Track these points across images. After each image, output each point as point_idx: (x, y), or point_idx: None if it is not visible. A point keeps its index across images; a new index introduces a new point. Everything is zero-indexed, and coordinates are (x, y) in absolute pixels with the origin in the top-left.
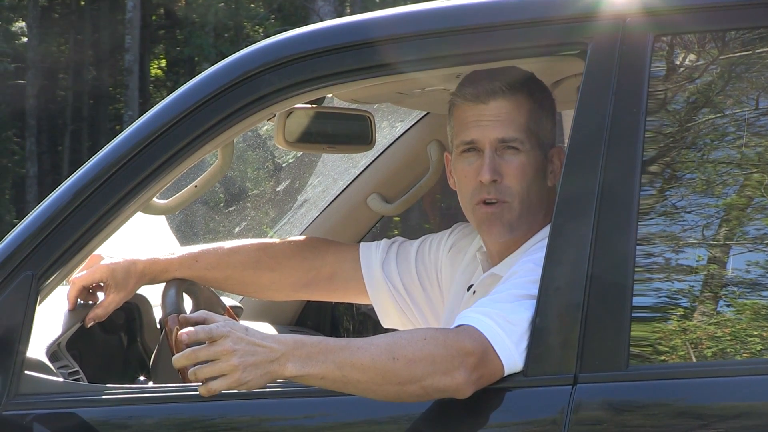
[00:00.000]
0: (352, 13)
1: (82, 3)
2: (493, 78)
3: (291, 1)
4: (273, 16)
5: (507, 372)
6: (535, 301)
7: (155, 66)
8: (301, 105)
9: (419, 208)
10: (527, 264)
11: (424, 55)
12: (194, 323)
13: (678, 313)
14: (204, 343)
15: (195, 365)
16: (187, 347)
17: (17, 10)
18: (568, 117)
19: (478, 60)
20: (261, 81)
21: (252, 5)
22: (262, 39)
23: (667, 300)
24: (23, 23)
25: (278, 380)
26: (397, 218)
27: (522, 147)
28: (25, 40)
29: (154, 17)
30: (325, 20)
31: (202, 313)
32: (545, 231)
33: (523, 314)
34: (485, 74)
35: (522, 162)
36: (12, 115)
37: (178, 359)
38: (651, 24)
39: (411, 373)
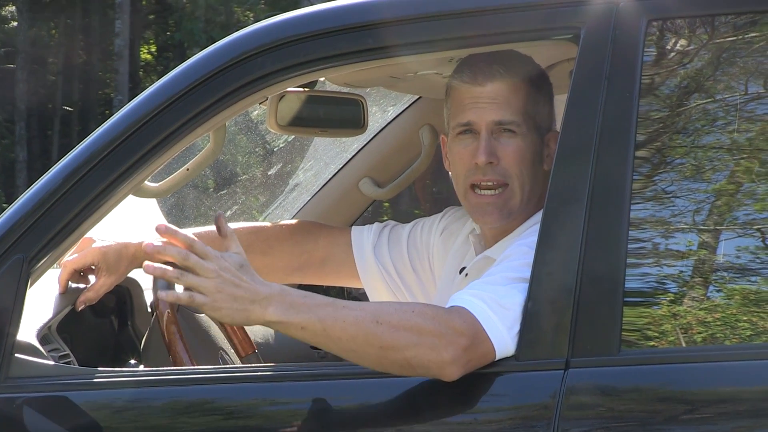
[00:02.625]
0: None
1: None
2: (491, 61)
3: None
4: (263, 1)
5: (498, 356)
6: (528, 284)
7: (145, 51)
8: (293, 89)
9: (410, 193)
10: (521, 247)
11: (416, 39)
12: (181, 239)
13: (669, 299)
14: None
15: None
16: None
17: None
18: (560, 102)
19: (470, 44)
20: (253, 64)
21: None
22: (252, 24)
23: (659, 285)
24: (13, 7)
25: (256, 324)
26: (386, 204)
27: (518, 130)
28: (14, 24)
29: (144, 2)
30: (316, 4)
31: (189, 237)
32: (540, 215)
33: (516, 298)
34: (483, 57)
35: (518, 145)
36: (1, 99)
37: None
38: (644, 8)
39: (394, 339)
